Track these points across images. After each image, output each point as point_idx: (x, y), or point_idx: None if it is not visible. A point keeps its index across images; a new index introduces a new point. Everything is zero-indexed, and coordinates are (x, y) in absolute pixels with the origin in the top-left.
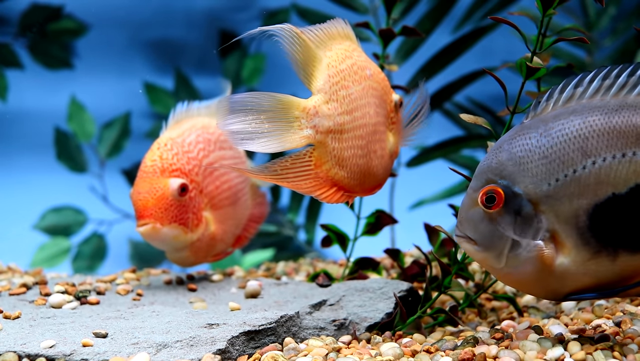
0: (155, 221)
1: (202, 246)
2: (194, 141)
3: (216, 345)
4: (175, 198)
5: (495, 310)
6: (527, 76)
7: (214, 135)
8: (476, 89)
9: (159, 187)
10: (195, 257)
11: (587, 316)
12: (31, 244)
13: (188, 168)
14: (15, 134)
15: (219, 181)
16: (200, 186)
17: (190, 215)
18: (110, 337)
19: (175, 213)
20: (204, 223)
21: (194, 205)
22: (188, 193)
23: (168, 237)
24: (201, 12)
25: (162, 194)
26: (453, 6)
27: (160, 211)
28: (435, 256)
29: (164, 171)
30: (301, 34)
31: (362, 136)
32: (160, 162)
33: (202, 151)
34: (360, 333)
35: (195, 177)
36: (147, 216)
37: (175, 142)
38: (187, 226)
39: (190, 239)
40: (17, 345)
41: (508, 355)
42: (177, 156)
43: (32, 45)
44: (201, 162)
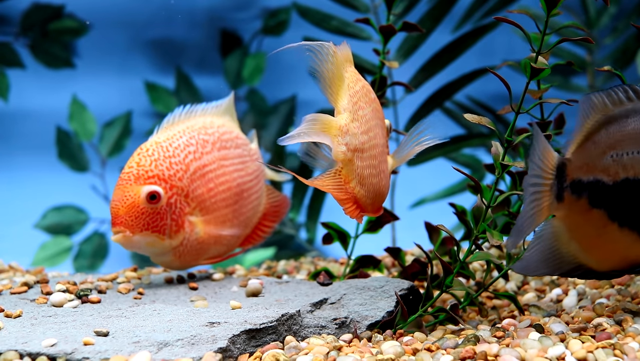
0: (125, 230)
1: (188, 251)
2: (182, 144)
3: (217, 343)
4: (146, 206)
5: (496, 308)
6: (532, 76)
7: (213, 135)
8: (476, 88)
9: (130, 195)
10: (181, 261)
11: (588, 315)
12: (32, 243)
13: (168, 174)
14: (17, 133)
15: (213, 184)
16: (185, 191)
17: (167, 222)
18: (111, 336)
19: (147, 220)
20: (188, 228)
21: (174, 211)
22: (161, 200)
23: (141, 244)
24: (202, 11)
25: (133, 202)
26: (454, 5)
27: (130, 220)
28: (437, 254)
29: (138, 178)
30: (336, 52)
31: (375, 156)
32: (136, 169)
33: (193, 154)
34: (361, 331)
35: (177, 183)
36: (119, 224)
37: (158, 147)
38: (162, 233)
39: (169, 245)
40: (19, 343)
41: (509, 353)
42: (157, 162)
43: (33, 44)
44: (188, 167)
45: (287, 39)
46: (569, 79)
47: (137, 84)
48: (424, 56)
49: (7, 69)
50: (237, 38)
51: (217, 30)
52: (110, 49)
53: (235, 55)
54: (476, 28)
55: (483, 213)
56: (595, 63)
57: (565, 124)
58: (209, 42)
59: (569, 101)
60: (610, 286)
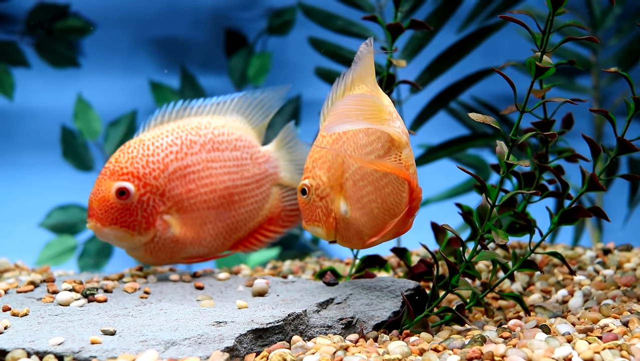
0: (96, 222)
1: (161, 248)
2: (165, 143)
3: (224, 342)
4: (115, 201)
5: (502, 309)
6: (537, 75)
7: (204, 137)
8: (480, 89)
9: (102, 189)
10: (154, 258)
11: (594, 316)
12: (37, 242)
13: (143, 172)
14: (22, 132)
15: (194, 185)
16: (160, 190)
17: (138, 218)
18: (118, 334)
19: (116, 215)
20: (160, 226)
21: (145, 208)
22: (130, 197)
23: (110, 237)
24: (206, 10)
25: (103, 196)
26: (459, 5)
27: (101, 213)
28: (443, 255)
29: (113, 173)
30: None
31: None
32: (113, 164)
33: (174, 154)
34: (368, 331)
35: (151, 181)
36: (91, 216)
37: (140, 145)
38: (132, 229)
39: (139, 241)
40: (26, 342)
41: (516, 353)
42: (134, 160)
43: (39, 43)
44: (167, 166)
45: (292, 39)
46: (573, 80)
47: (142, 83)
48: (429, 57)
49: (12, 67)
50: (241, 37)
51: (222, 30)
52: (115, 48)
53: (240, 54)
54: (482, 28)
55: (488, 213)
56: (600, 64)
57: (573, 124)
58: (214, 41)
59: (573, 100)
60: (616, 288)
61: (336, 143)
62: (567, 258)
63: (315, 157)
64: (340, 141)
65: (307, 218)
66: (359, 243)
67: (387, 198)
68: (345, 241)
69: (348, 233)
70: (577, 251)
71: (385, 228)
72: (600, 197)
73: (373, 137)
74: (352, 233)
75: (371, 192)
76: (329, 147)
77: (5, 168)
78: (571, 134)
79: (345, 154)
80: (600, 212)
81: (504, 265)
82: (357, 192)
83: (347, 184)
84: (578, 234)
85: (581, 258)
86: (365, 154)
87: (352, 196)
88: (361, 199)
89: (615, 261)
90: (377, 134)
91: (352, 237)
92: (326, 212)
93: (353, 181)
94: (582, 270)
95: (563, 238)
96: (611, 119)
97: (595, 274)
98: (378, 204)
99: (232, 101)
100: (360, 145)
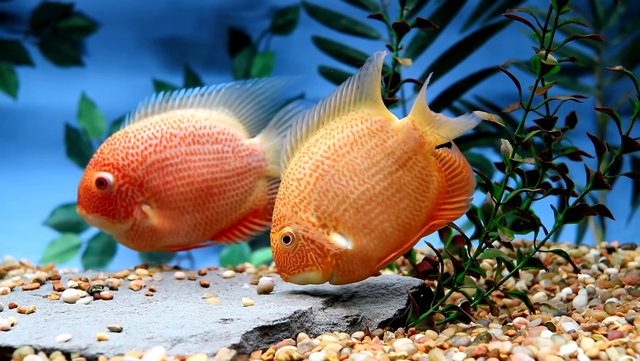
0: (82, 208)
1: (140, 236)
2: (146, 136)
3: (231, 339)
4: (96, 190)
5: (507, 307)
6: (542, 73)
7: (185, 130)
8: (484, 88)
9: (86, 178)
10: (135, 245)
11: (598, 314)
12: (41, 241)
13: (123, 163)
14: (26, 131)
15: (172, 177)
16: (139, 181)
17: (118, 207)
18: (125, 331)
19: (97, 203)
20: (139, 215)
21: (124, 198)
22: (109, 187)
23: (94, 223)
24: (210, 9)
25: (86, 185)
26: (463, 4)
27: (85, 200)
28: (448, 253)
29: (97, 164)
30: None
31: None
32: (98, 155)
33: (154, 147)
34: (373, 329)
35: (130, 173)
36: (78, 203)
37: (123, 137)
38: (112, 217)
39: (120, 228)
40: (33, 338)
41: (522, 350)
42: (116, 151)
43: (43, 42)
44: (145, 159)
45: (295, 38)
46: (576, 79)
47: (145, 82)
48: (432, 56)
49: (16, 67)
50: (245, 37)
51: (226, 29)
52: (119, 47)
53: (244, 53)
54: (485, 27)
55: (493, 211)
56: (604, 63)
57: (577, 122)
58: (217, 40)
59: (577, 96)
60: (621, 286)
61: (322, 178)
62: (571, 256)
63: (294, 201)
64: (328, 174)
65: (295, 266)
66: (365, 272)
67: (402, 213)
68: (346, 275)
69: (351, 266)
70: (581, 249)
71: (401, 246)
72: (603, 195)
73: (379, 157)
74: (356, 264)
75: (382, 212)
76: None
77: (10, 167)
78: (574, 133)
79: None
80: (605, 210)
81: (509, 263)
82: (363, 218)
83: (347, 214)
84: (581, 233)
85: (585, 257)
86: (370, 176)
87: (356, 225)
88: (369, 224)
89: (620, 259)
90: (386, 151)
91: (356, 269)
92: (321, 253)
93: (355, 209)
94: (586, 269)
95: (566, 237)
96: (616, 118)
97: (599, 273)
98: (392, 223)
99: (218, 93)
100: (360, 170)
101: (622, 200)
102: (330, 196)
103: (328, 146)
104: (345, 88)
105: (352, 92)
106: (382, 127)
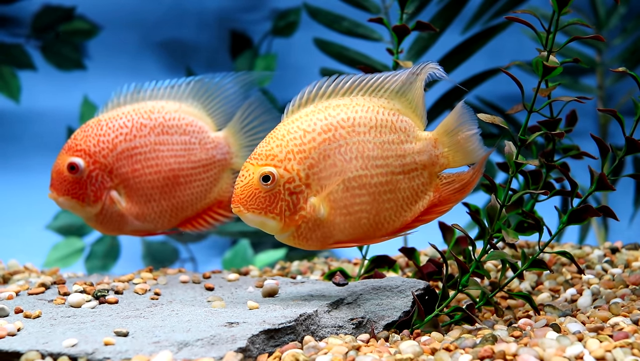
0: (53, 191)
1: (109, 220)
2: (117, 125)
3: (237, 343)
4: (68, 175)
5: (511, 308)
6: (544, 74)
7: (155, 120)
8: (485, 89)
9: (59, 162)
10: (103, 228)
11: (603, 314)
12: (45, 244)
13: (94, 150)
14: (28, 134)
15: (140, 165)
16: (109, 168)
17: (88, 191)
18: (131, 336)
19: (68, 187)
20: (107, 200)
21: (94, 183)
22: (80, 172)
23: (65, 206)
24: (211, 12)
25: (59, 169)
26: (464, 6)
27: (57, 183)
28: (453, 254)
29: (69, 149)
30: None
31: None
32: (72, 140)
33: (124, 135)
34: (378, 331)
35: (101, 159)
36: (50, 186)
37: (96, 125)
38: (82, 200)
39: (89, 212)
40: (39, 343)
41: (527, 352)
42: (88, 138)
43: (45, 46)
44: (115, 146)
45: (296, 40)
46: (578, 80)
47: None
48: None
49: (18, 70)
50: (246, 39)
51: (227, 32)
52: (121, 50)
53: (245, 56)
54: (487, 28)
55: (498, 212)
56: (605, 64)
57: (577, 121)
58: (219, 43)
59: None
60: (625, 286)
61: (330, 143)
62: (574, 257)
63: (292, 149)
64: (337, 143)
65: (259, 207)
66: (317, 245)
67: (383, 213)
68: (300, 239)
69: (311, 234)
70: (584, 250)
71: (361, 240)
72: (606, 196)
73: (390, 153)
74: (316, 235)
75: (366, 203)
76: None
77: (12, 170)
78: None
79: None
80: (609, 211)
81: (514, 264)
82: (348, 199)
83: (337, 188)
84: (584, 233)
85: (589, 257)
86: (374, 166)
87: (339, 202)
88: (350, 207)
89: (623, 260)
90: (399, 152)
91: (313, 238)
92: (293, 209)
93: (346, 188)
94: (590, 269)
95: (569, 237)
96: (620, 119)
97: (603, 273)
98: (369, 216)
99: (188, 86)
100: (367, 156)
101: (624, 200)
102: (329, 163)
103: (348, 117)
104: (393, 76)
105: (396, 82)
106: (405, 128)
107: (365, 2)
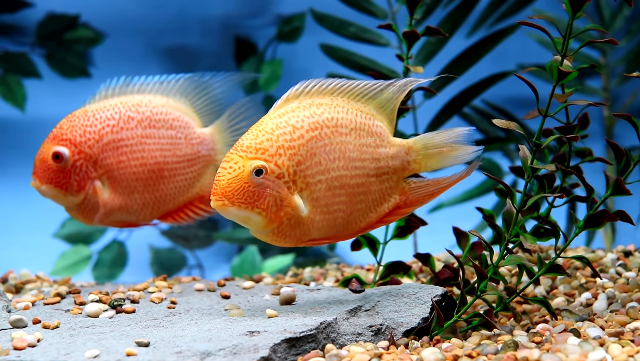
0: (36, 179)
1: (92, 210)
2: (104, 116)
3: (259, 352)
4: (52, 163)
5: (527, 313)
6: (559, 79)
7: (142, 114)
8: (491, 92)
9: (43, 150)
10: (86, 218)
11: (621, 318)
12: (52, 252)
13: (80, 140)
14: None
15: (126, 157)
16: (93, 158)
17: (71, 181)
18: (152, 346)
19: (51, 175)
20: (91, 190)
21: (78, 173)
22: (64, 161)
23: (48, 195)
24: (216, 18)
25: (43, 157)
26: (472, 9)
27: (40, 171)
28: (470, 259)
29: (55, 138)
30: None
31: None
32: (57, 130)
33: (110, 127)
34: (397, 338)
35: (86, 150)
36: (33, 174)
37: (83, 115)
38: (65, 189)
39: (72, 201)
40: (61, 355)
41: (550, 358)
42: (74, 128)
43: (49, 54)
44: (101, 138)
45: (302, 46)
46: (583, 82)
47: None
48: (442, 62)
49: (23, 79)
50: (251, 45)
51: (232, 38)
52: (126, 57)
53: (251, 62)
54: (495, 32)
55: (514, 217)
56: (609, 65)
57: (589, 124)
58: (224, 49)
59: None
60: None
61: (316, 141)
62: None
63: (283, 144)
64: (323, 141)
65: (246, 201)
66: (294, 243)
67: (354, 214)
68: (279, 236)
69: (291, 232)
70: (597, 253)
71: (331, 238)
72: (612, 199)
73: (367, 156)
74: (295, 232)
75: (344, 203)
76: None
77: (19, 179)
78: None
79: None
80: (625, 216)
81: (530, 270)
82: (329, 198)
83: (319, 186)
84: (591, 236)
85: (602, 261)
86: (353, 167)
87: (320, 201)
88: (330, 206)
89: (637, 263)
90: (374, 155)
91: (292, 236)
92: (279, 205)
93: (328, 186)
94: (604, 273)
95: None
96: (635, 124)
97: (617, 277)
98: (344, 216)
99: (177, 82)
100: (349, 157)
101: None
102: (315, 161)
103: (332, 117)
104: (372, 83)
105: (374, 89)
106: (380, 133)
107: (372, 7)
